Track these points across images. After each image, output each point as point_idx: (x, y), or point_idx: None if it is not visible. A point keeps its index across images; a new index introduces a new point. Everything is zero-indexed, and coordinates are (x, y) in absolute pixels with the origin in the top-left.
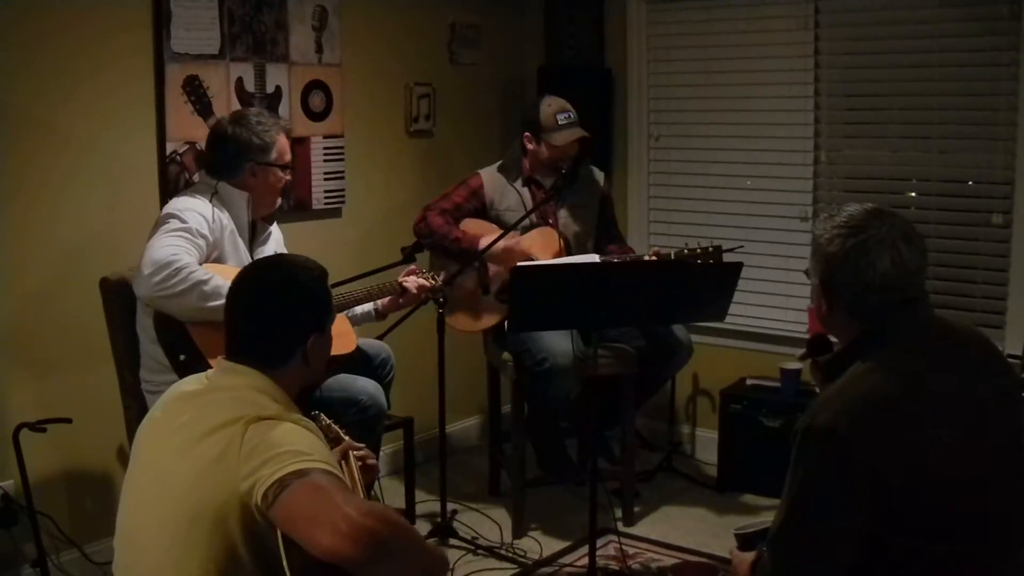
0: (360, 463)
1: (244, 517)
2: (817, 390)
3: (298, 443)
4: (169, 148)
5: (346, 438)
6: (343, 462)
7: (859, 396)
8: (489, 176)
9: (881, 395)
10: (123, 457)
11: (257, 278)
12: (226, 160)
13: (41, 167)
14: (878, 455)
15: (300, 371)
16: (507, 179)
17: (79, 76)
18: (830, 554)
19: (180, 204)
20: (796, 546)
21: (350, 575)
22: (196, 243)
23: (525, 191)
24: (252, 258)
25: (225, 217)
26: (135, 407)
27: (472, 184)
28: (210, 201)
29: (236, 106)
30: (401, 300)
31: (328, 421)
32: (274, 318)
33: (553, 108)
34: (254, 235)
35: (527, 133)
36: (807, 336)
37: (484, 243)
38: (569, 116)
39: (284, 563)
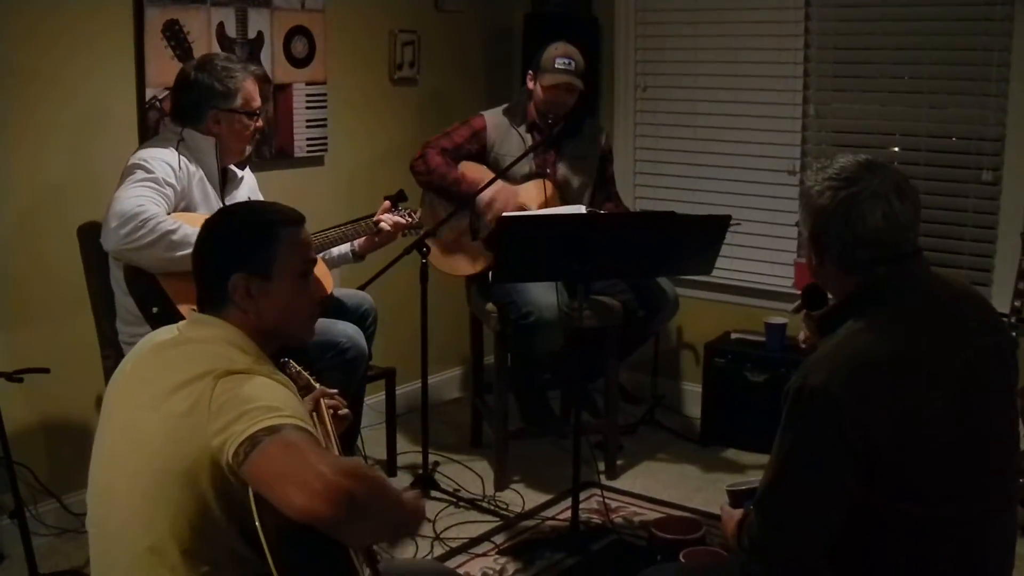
0: (332, 412)
1: (215, 474)
2: (802, 345)
3: (270, 398)
4: (148, 94)
5: (317, 385)
6: (314, 412)
7: (852, 357)
8: (493, 118)
9: (874, 356)
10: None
11: (208, 223)
12: (188, 107)
13: (22, 114)
14: (870, 417)
15: (241, 316)
16: (511, 122)
17: (62, 23)
18: (817, 516)
19: (146, 154)
20: (783, 507)
21: (326, 536)
22: (163, 192)
23: (528, 136)
24: (224, 205)
25: (193, 165)
26: (113, 356)
27: (475, 125)
28: (176, 149)
29: (217, 52)
30: (377, 239)
31: (298, 368)
32: (203, 257)
33: (557, 52)
34: (224, 182)
35: (530, 71)
36: (793, 290)
37: (487, 192)
38: (569, 63)
39: (257, 523)
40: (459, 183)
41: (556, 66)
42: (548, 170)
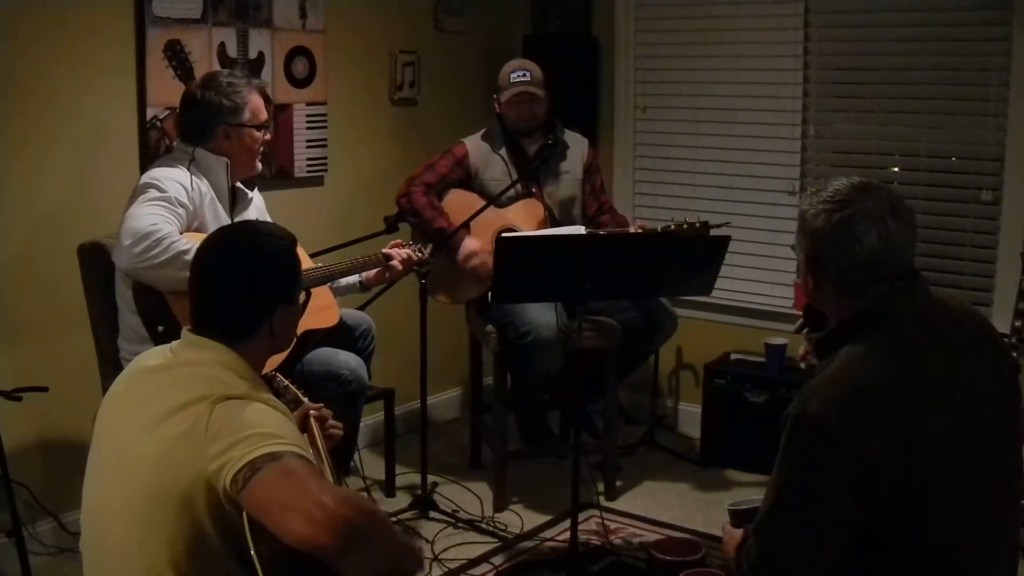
0: (319, 424)
1: (211, 499)
2: (802, 366)
3: (268, 424)
4: (149, 114)
5: (304, 400)
6: (304, 432)
7: (851, 384)
8: (474, 144)
9: (873, 383)
10: None
11: (222, 248)
12: (197, 125)
13: (23, 132)
14: (869, 445)
15: (266, 343)
16: (492, 147)
17: (63, 41)
18: (817, 543)
19: (158, 173)
20: (782, 534)
21: (321, 563)
22: (176, 212)
23: (509, 159)
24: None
25: (204, 185)
26: (112, 375)
27: (457, 153)
28: (188, 169)
29: (220, 69)
30: (388, 274)
31: (286, 382)
32: (239, 289)
33: (511, 68)
34: (234, 202)
35: (494, 95)
36: (793, 311)
37: (468, 243)
38: (524, 75)
39: (252, 551)
40: (443, 232)
41: (512, 80)
42: (534, 189)
